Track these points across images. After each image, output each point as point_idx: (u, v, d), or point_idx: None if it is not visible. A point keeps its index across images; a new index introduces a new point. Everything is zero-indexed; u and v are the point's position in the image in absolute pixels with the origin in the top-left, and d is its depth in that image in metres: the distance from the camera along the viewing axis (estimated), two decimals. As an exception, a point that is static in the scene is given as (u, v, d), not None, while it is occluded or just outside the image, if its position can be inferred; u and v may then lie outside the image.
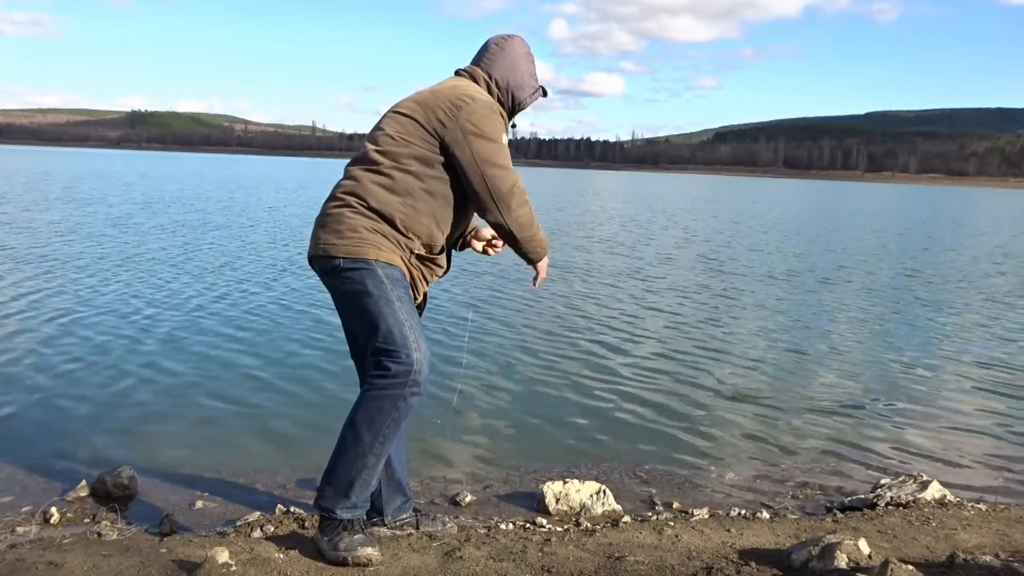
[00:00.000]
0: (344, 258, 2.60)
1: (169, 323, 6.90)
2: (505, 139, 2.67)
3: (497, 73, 2.79)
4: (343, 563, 2.58)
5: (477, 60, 2.86)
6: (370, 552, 2.61)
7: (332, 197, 2.70)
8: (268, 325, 7.00)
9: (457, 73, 2.86)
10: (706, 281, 11.00)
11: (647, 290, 9.99)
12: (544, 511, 3.43)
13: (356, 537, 2.62)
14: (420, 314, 2.77)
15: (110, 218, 16.56)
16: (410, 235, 2.65)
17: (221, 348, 6.12)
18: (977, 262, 15.16)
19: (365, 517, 2.95)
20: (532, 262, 2.83)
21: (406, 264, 2.67)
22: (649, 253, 14.43)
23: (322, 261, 2.66)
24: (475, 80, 2.80)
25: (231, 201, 24.11)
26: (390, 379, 2.55)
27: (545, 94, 2.92)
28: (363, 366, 2.81)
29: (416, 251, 2.68)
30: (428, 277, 2.78)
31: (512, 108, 2.85)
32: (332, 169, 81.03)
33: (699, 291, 10.08)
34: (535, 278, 2.92)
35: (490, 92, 2.79)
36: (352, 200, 2.63)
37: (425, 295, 2.84)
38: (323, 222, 2.68)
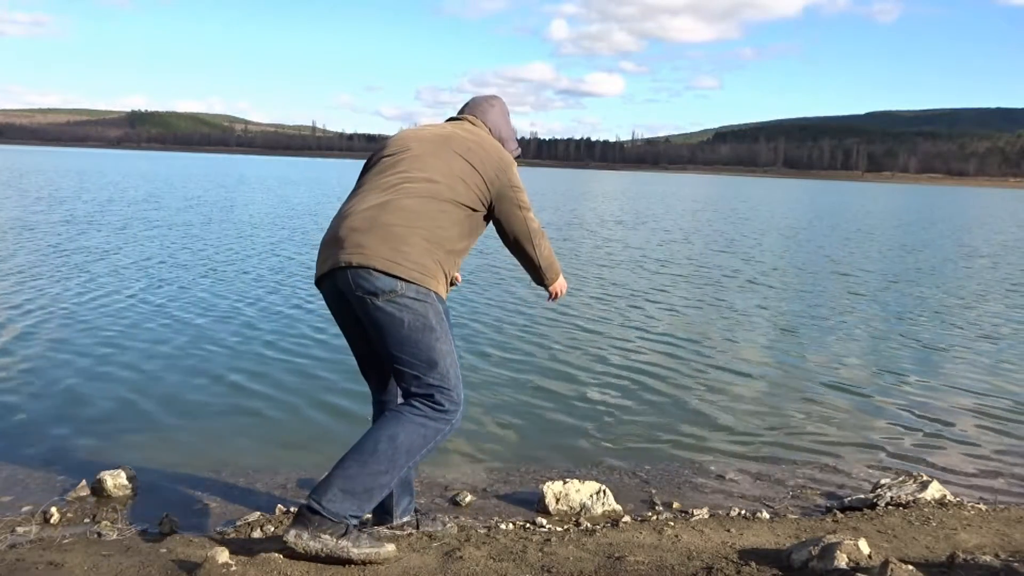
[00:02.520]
0: (407, 282, 2.56)
1: (169, 323, 6.90)
2: None
3: (491, 125, 2.98)
4: (366, 562, 2.56)
5: (470, 112, 3.00)
6: (390, 549, 2.61)
7: (393, 211, 2.61)
8: (266, 326, 7.00)
9: (459, 119, 2.98)
10: (703, 282, 11.01)
11: (648, 290, 10.00)
12: (544, 511, 3.43)
13: (364, 536, 2.61)
14: None
15: (65, 216, 16.57)
16: (455, 267, 2.80)
17: (221, 349, 6.12)
18: (973, 263, 15.17)
19: (373, 517, 2.95)
20: (547, 286, 3.05)
21: (446, 284, 2.78)
22: (649, 253, 14.44)
23: (375, 276, 2.55)
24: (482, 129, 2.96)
25: (199, 200, 23.99)
26: (441, 413, 2.63)
27: (519, 150, 3.13)
28: (380, 381, 2.90)
29: (452, 279, 2.83)
30: None
31: None
32: (331, 170, 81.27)
33: (697, 292, 10.08)
34: (550, 296, 3.11)
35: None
36: (418, 228, 2.61)
37: None
38: (384, 236, 2.57)
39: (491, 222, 2.90)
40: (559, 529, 3.13)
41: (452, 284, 2.88)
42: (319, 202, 26.40)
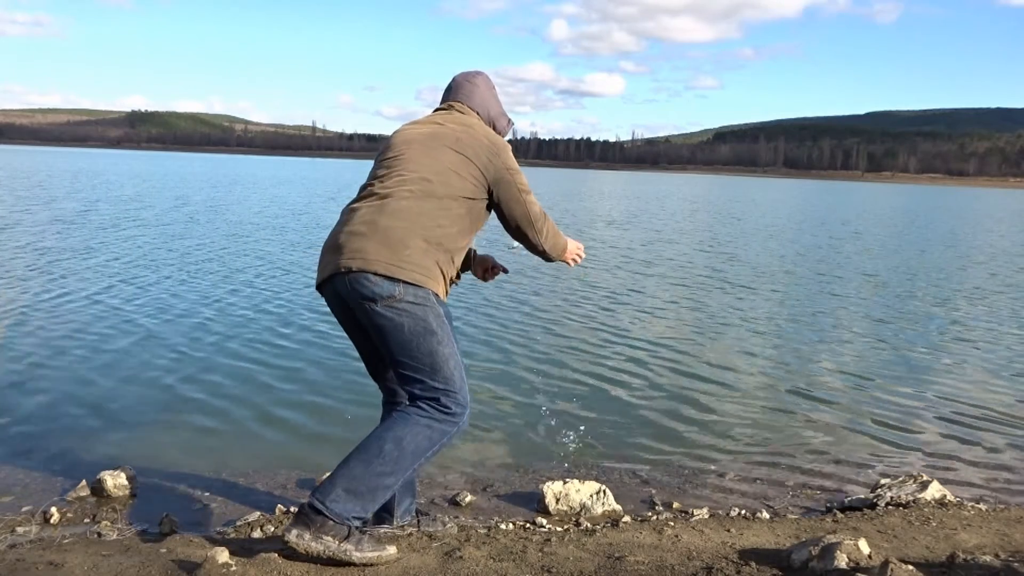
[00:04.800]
0: (406, 285, 2.54)
1: (169, 323, 6.90)
2: None
3: (477, 107, 2.93)
4: (369, 564, 2.55)
5: (455, 98, 2.94)
6: (392, 551, 2.62)
7: (392, 214, 2.60)
8: (267, 326, 7.00)
9: (447, 108, 2.92)
10: (702, 283, 11.00)
11: (647, 292, 9.99)
12: (544, 511, 3.43)
13: (366, 539, 2.60)
14: None
15: (56, 214, 16.63)
16: (454, 265, 2.74)
17: (221, 349, 6.12)
18: (971, 263, 15.17)
19: (373, 517, 2.95)
20: (556, 260, 3.00)
21: (447, 285, 2.74)
22: (647, 254, 14.44)
23: (373, 281, 2.54)
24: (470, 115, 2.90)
25: (187, 200, 24.02)
26: (447, 416, 2.63)
27: (512, 124, 3.09)
28: (387, 384, 2.88)
29: (451, 278, 2.77)
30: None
31: None
32: (328, 169, 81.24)
33: (698, 292, 10.08)
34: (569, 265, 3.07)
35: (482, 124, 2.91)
36: (417, 228, 2.59)
37: None
38: (383, 239, 2.56)
39: (492, 210, 2.86)
40: (559, 529, 3.13)
41: (454, 283, 2.85)
42: (309, 201, 26.41)
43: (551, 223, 2.89)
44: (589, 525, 3.21)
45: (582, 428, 4.64)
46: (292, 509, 3.22)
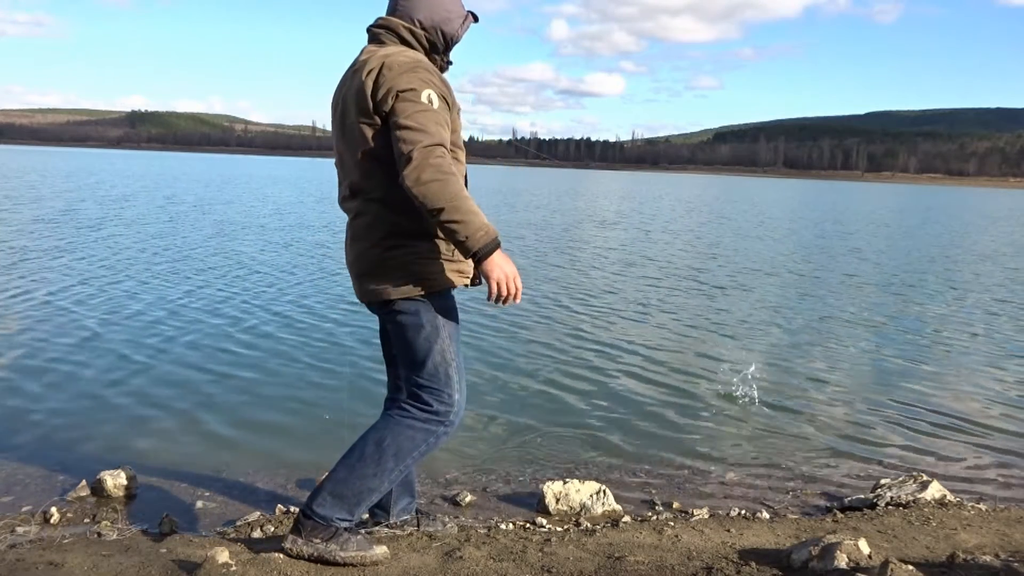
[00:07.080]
0: (398, 299, 2.55)
1: (169, 324, 6.90)
2: (432, 95, 2.38)
3: (420, 14, 2.54)
4: (354, 564, 2.56)
5: (393, 8, 2.59)
6: (380, 551, 2.61)
7: (358, 237, 2.57)
8: (269, 327, 7.00)
9: (373, 30, 2.60)
10: (705, 282, 11.00)
11: (647, 293, 10.00)
12: (544, 511, 3.43)
13: (358, 538, 2.62)
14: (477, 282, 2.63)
15: (46, 213, 16.63)
16: (444, 247, 2.53)
17: (222, 349, 6.12)
18: (970, 264, 15.17)
19: (371, 517, 2.95)
20: (471, 257, 2.37)
21: (454, 263, 2.55)
22: (647, 253, 14.45)
23: (375, 305, 2.63)
24: (393, 31, 2.54)
25: (179, 199, 24.06)
26: (429, 414, 2.58)
27: (476, 19, 2.65)
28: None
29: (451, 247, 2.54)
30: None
31: (445, 44, 2.61)
32: (326, 169, 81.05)
33: (699, 293, 10.08)
34: (490, 293, 2.40)
35: (415, 37, 2.54)
36: (383, 239, 2.51)
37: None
38: (367, 269, 2.56)
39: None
40: (559, 529, 3.13)
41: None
42: (300, 200, 26.37)
43: (439, 171, 2.28)
44: (589, 525, 3.21)
45: (582, 428, 4.65)
46: (292, 509, 3.23)
